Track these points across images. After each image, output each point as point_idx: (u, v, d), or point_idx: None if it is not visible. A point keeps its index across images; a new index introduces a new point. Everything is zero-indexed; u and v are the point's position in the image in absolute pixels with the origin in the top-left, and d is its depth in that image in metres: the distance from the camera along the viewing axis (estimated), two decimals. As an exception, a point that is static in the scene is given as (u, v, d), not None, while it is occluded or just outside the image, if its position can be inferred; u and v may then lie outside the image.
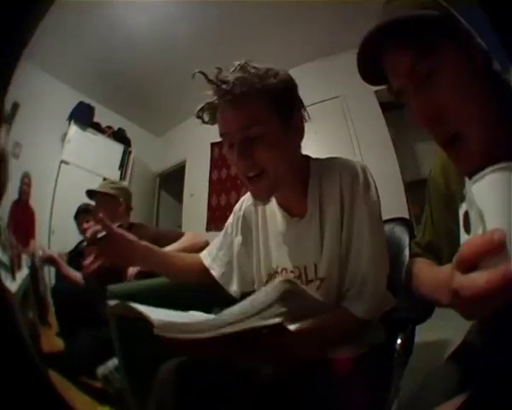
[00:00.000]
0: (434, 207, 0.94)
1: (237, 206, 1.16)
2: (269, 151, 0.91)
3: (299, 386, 0.84)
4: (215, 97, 0.90)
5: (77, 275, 1.81)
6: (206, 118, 0.96)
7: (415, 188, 2.38)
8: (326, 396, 0.82)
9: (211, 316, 0.97)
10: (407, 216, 2.11)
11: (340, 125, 2.58)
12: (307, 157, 1.04)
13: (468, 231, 0.52)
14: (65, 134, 2.75)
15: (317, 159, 1.03)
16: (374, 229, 0.93)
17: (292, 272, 1.02)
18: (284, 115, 0.93)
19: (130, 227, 1.88)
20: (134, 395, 1.27)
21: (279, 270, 1.05)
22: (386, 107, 2.56)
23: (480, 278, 0.43)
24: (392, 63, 0.76)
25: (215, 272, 1.15)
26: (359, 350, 0.91)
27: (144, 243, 1.07)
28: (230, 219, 1.18)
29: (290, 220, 1.03)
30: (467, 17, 0.75)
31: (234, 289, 1.14)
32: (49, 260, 1.95)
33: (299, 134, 0.99)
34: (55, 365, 1.31)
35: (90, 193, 1.93)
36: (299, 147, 1.02)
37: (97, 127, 3.18)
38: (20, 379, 0.80)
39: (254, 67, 0.90)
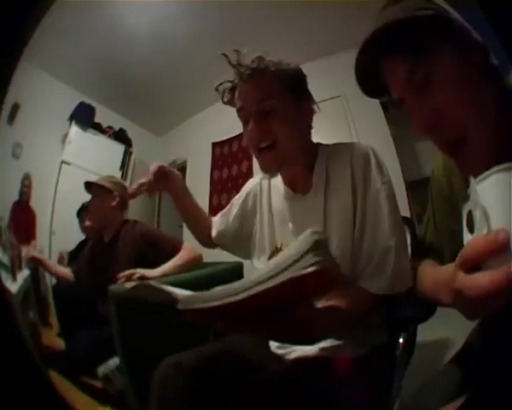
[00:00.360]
0: (437, 207, 0.94)
1: (244, 187, 1.24)
2: (281, 124, 0.96)
3: (301, 385, 0.84)
4: (235, 77, 0.99)
5: (66, 272, 1.80)
6: (225, 98, 1.03)
7: (416, 187, 2.38)
8: (328, 396, 0.82)
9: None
10: (408, 215, 2.10)
11: (341, 124, 2.58)
12: (317, 143, 1.08)
13: (471, 230, 0.52)
14: (66, 135, 2.75)
15: (326, 144, 1.07)
16: (391, 204, 0.93)
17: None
18: (296, 96, 0.99)
19: (124, 223, 1.89)
20: (135, 394, 1.27)
21: (283, 247, 1.06)
22: (386, 106, 2.56)
23: (483, 279, 0.43)
24: (389, 74, 0.76)
25: (213, 232, 1.24)
26: (361, 350, 0.91)
27: (185, 185, 1.22)
28: (237, 196, 1.24)
29: (294, 196, 1.06)
30: (467, 17, 0.74)
31: (220, 244, 1.24)
32: (34, 261, 1.94)
33: (309, 116, 1.04)
34: (55, 365, 1.32)
35: (88, 185, 1.94)
36: (310, 129, 1.06)
37: (98, 128, 3.18)
38: (20, 379, 0.79)
39: (270, 58, 0.98)
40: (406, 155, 2.53)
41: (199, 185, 3.72)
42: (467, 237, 0.54)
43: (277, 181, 1.10)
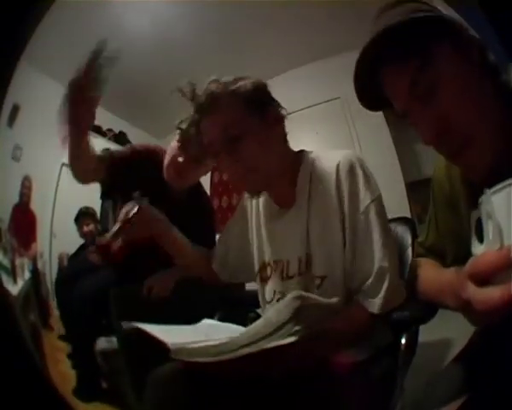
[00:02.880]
0: (438, 208, 0.94)
1: (239, 204, 1.24)
2: (251, 148, 0.97)
3: (303, 389, 0.84)
4: (194, 111, 1.01)
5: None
6: (191, 132, 1.05)
7: (416, 187, 2.38)
8: (331, 397, 0.82)
9: (231, 326, 1.00)
10: (409, 216, 2.10)
11: (341, 125, 2.57)
12: (301, 151, 1.09)
13: (480, 239, 0.52)
14: (66, 136, 2.74)
15: (311, 152, 1.07)
16: (382, 221, 0.94)
17: (275, 264, 1.04)
18: (258, 113, 0.99)
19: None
20: (136, 394, 1.27)
21: (271, 262, 1.07)
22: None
23: (494, 294, 0.43)
24: (391, 85, 0.75)
25: (213, 263, 1.24)
26: (366, 353, 0.91)
27: (170, 224, 1.19)
28: (232, 218, 1.26)
29: (279, 211, 1.07)
30: (467, 17, 0.74)
31: (225, 278, 1.23)
32: None
33: (278, 128, 1.04)
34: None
35: None
36: (284, 141, 1.06)
37: (98, 130, 3.17)
38: (20, 380, 0.79)
39: (224, 79, 1.00)
40: (406, 155, 2.53)
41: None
42: (475, 246, 0.54)
43: (265, 196, 1.11)
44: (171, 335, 0.80)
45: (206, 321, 1.11)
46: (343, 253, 0.95)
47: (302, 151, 1.10)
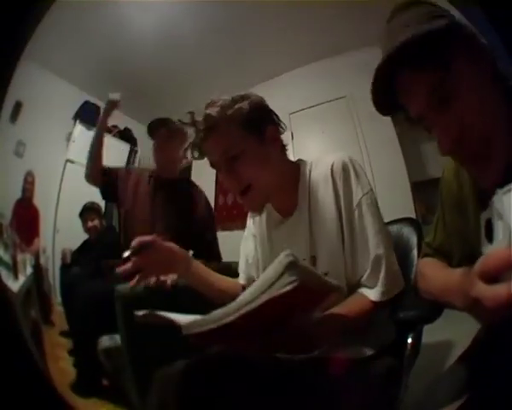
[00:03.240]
0: (447, 209, 0.94)
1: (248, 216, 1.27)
2: (249, 167, 1.00)
3: (306, 386, 0.85)
4: (196, 137, 1.03)
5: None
6: (195, 155, 1.07)
7: (421, 188, 2.37)
8: (334, 396, 0.83)
9: None
10: (414, 216, 2.09)
11: (347, 124, 2.57)
12: (298, 160, 1.13)
13: (490, 239, 0.52)
14: (70, 133, 2.75)
15: (306, 161, 1.12)
16: (374, 212, 0.98)
17: None
18: (256, 131, 1.03)
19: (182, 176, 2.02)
20: (139, 393, 1.27)
21: None
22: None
23: (503, 291, 0.43)
24: (407, 92, 0.75)
25: (242, 280, 1.25)
26: (370, 350, 0.93)
27: (187, 253, 1.15)
28: (245, 233, 1.29)
29: (281, 219, 1.10)
30: (467, 17, 0.74)
31: None
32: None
33: (276, 145, 1.08)
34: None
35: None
36: (283, 155, 1.11)
37: (103, 127, 3.19)
38: (20, 378, 0.79)
39: (222, 99, 1.02)
40: (411, 155, 2.52)
41: (204, 185, 3.72)
42: (485, 246, 0.54)
43: (268, 206, 1.13)
44: (179, 318, 0.82)
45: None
46: (343, 249, 0.99)
47: (299, 161, 1.14)
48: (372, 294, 0.94)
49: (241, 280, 1.26)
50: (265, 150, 1.04)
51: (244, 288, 1.22)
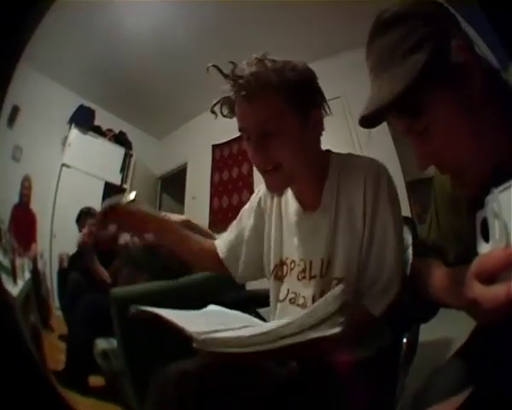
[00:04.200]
0: (440, 207, 0.94)
1: (254, 194, 1.19)
2: (284, 147, 0.92)
3: (305, 388, 0.85)
4: (231, 92, 0.91)
5: (104, 272, 1.79)
6: (224, 112, 0.97)
7: (416, 187, 2.37)
8: (332, 397, 0.82)
9: (237, 313, 0.99)
10: (409, 215, 2.10)
11: (342, 125, 2.57)
12: (328, 151, 1.05)
13: (486, 238, 0.52)
14: (65, 137, 2.74)
15: (338, 154, 1.05)
16: (398, 231, 0.95)
17: (293, 264, 1.03)
18: (302, 111, 0.94)
19: None
20: (136, 395, 1.27)
21: (288, 261, 1.06)
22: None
23: (501, 291, 0.44)
24: (389, 121, 0.81)
25: (221, 253, 1.17)
26: (367, 352, 0.92)
27: (163, 215, 1.09)
28: (246, 206, 1.21)
29: (303, 212, 1.05)
30: (466, 17, 0.74)
31: (235, 272, 1.17)
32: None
33: (318, 129, 1.01)
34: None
35: None
36: (318, 141, 1.03)
37: (98, 130, 3.17)
38: (20, 381, 0.79)
39: (272, 61, 0.91)
40: (406, 154, 2.52)
41: (199, 188, 3.71)
42: (481, 245, 0.55)
43: (288, 193, 1.08)
44: (186, 322, 0.77)
45: (212, 307, 1.10)
46: (359, 256, 0.97)
47: (328, 152, 1.09)
48: (376, 309, 0.92)
49: (221, 253, 1.20)
50: (305, 133, 0.97)
51: (222, 262, 1.19)
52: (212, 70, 0.95)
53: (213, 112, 0.99)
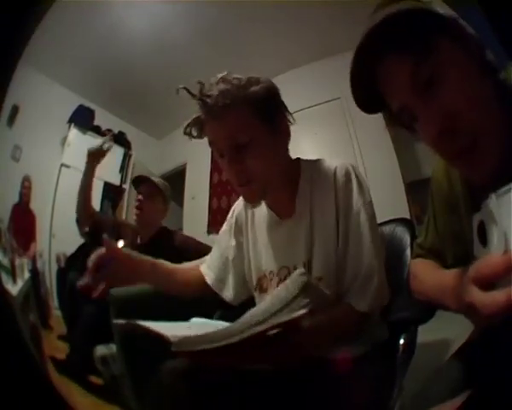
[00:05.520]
0: (437, 209, 0.94)
1: (230, 213, 1.21)
2: (257, 157, 0.95)
3: (301, 386, 0.84)
4: (200, 112, 0.95)
5: None
6: (194, 133, 1.01)
7: (415, 188, 2.38)
8: (329, 396, 0.83)
9: (222, 323, 0.99)
10: (408, 216, 2.10)
11: (341, 126, 2.57)
12: (297, 159, 1.09)
13: (483, 242, 0.52)
14: (65, 137, 2.74)
15: (307, 160, 1.07)
16: (372, 224, 0.96)
17: (271, 274, 1.04)
18: (269, 120, 0.97)
19: (162, 229, 1.87)
20: (136, 395, 1.27)
21: (267, 273, 1.06)
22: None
23: (499, 297, 0.43)
24: (388, 79, 0.72)
25: (209, 279, 1.18)
26: (362, 349, 0.92)
27: (149, 260, 1.09)
28: (224, 227, 1.22)
29: (278, 221, 1.07)
30: (466, 17, 0.74)
31: (227, 294, 1.17)
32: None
33: (285, 137, 1.04)
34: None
35: (138, 180, 1.99)
36: (287, 150, 1.06)
37: (97, 130, 3.17)
38: (20, 380, 0.79)
39: (236, 78, 0.94)
40: (405, 155, 2.53)
41: (198, 188, 3.71)
42: (478, 249, 0.54)
43: (261, 205, 1.09)
44: (166, 329, 0.79)
45: (196, 319, 1.10)
46: (336, 255, 0.98)
47: (298, 159, 1.11)
48: (360, 305, 0.92)
49: (208, 279, 1.20)
50: (275, 142, 1.00)
51: (208, 286, 1.19)
52: (182, 91, 0.99)
53: (187, 133, 1.03)
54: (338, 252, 0.97)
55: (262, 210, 1.12)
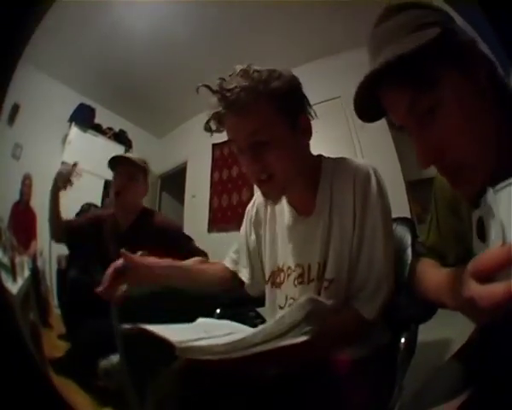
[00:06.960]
0: (440, 209, 0.94)
1: (250, 204, 1.20)
2: (278, 155, 0.93)
3: (301, 386, 0.84)
4: (220, 107, 0.91)
5: None
6: (214, 127, 0.97)
7: (416, 187, 2.37)
8: (329, 396, 0.83)
9: (227, 323, 0.99)
10: (409, 215, 2.10)
11: (342, 124, 2.57)
12: (319, 156, 1.07)
13: (482, 238, 0.52)
14: (66, 136, 2.74)
15: (329, 158, 1.05)
16: (387, 232, 0.95)
17: (289, 270, 1.03)
18: (290, 117, 0.95)
19: (143, 211, 1.88)
20: (137, 397, 1.27)
21: (284, 268, 1.06)
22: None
23: (498, 290, 0.43)
24: (390, 103, 0.73)
25: (243, 275, 1.20)
26: (365, 351, 0.92)
27: (166, 261, 1.09)
28: (244, 220, 1.22)
29: (297, 218, 1.06)
30: (466, 17, 0.73)
31: (251, 285, 1.17)
32: None
33: (307, 134, 1.01)
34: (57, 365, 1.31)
35: (116, 161, 1.91)
36: (308, 146, 1.04)
37: (98, 129, 3.17)
38: (20, 379, 0.79)
39: (257, 71, 0.91)
40: (406, 154, 2.52)
41: (199, 187, 3.71)
42: (477, 245, 0.54)
43: (282, 199, 1.08)
44: (172, 333, 0.80)
45: (202, 320, 1.11)
46: (350, 258, 0.98)
47: (320, 156, 1.10)
48: (367, 311, 0.92)
49: (232, 266, 1.23)
50: (296, 139, 0.98)
51: (235, 274, 1.21)
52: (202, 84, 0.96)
53: (206, 129, 1.00)
54: (351, 255, 0.97)
55: (282, 204, 1.11)
